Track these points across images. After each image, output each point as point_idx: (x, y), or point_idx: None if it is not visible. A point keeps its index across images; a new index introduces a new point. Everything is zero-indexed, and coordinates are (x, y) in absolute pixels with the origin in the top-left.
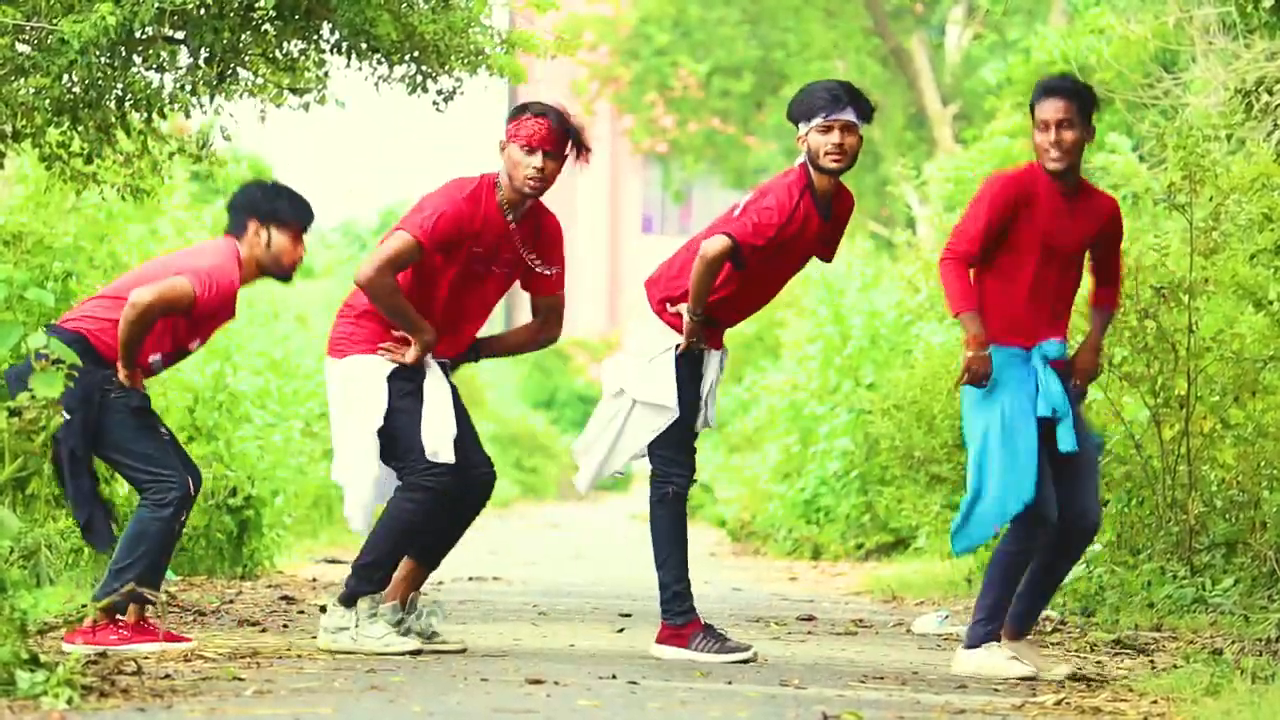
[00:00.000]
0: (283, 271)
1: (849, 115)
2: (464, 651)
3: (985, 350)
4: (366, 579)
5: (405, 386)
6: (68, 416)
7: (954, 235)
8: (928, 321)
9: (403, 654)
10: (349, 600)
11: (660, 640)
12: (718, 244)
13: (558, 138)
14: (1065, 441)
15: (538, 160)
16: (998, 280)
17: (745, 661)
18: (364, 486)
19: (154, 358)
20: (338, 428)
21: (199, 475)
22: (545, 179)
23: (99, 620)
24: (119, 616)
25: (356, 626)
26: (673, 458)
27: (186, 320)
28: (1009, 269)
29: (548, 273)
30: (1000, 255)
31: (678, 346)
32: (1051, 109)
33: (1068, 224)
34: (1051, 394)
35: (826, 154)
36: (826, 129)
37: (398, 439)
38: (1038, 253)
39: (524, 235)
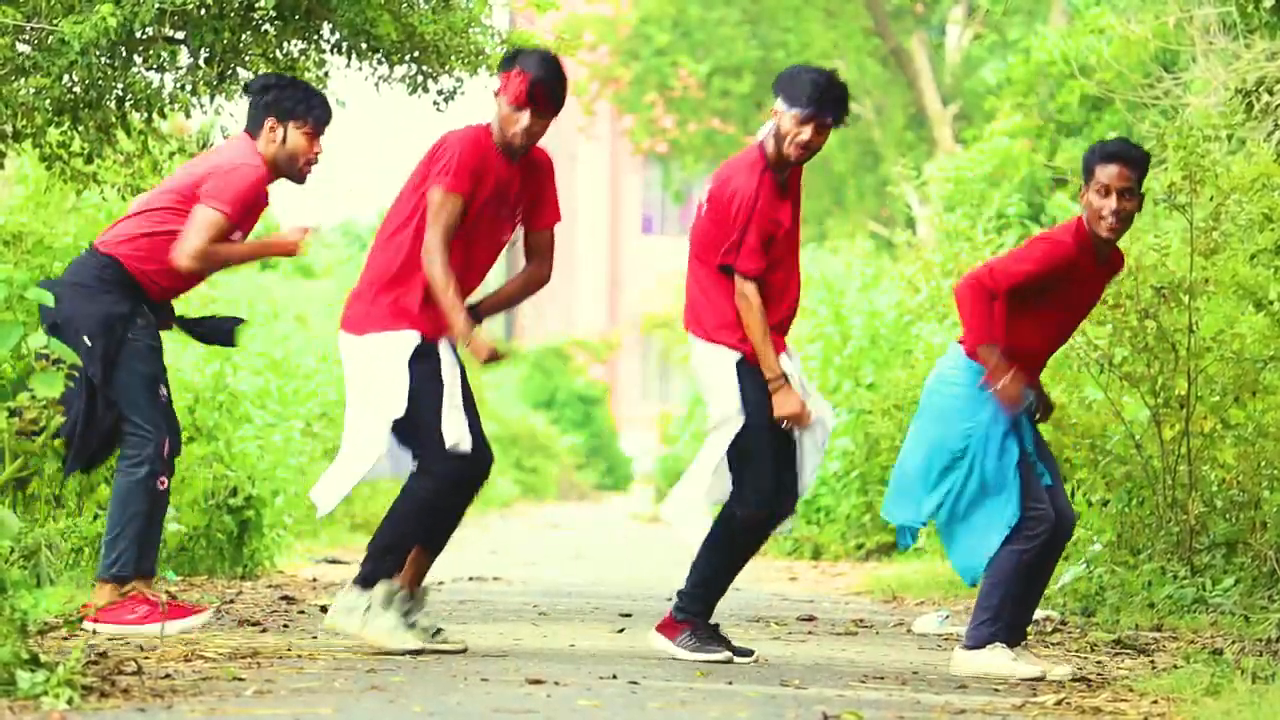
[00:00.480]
0: (296, 172)
1: (829, 118)
2: (465, 651)
3: (1011, 373)
4: (383, 562)
5: (427, 369)
6: (88, 343)
7: (993, 269)
8: (928, 321)
9: (403, 652)
10: (367, 582)
11: (658, 629)
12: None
13: (545, 95)
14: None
15: (525, 119)
16: (1015, 319)
17: (722, 662)
18: (355, 472)
19: None
20: (354, 405)
21: (179, 442)
22: (532, 136)
23: (114, 597)
24: (135, 590)
25: (368, 610)
26: (747, 478)
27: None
28: (1029, 316)
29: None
30: (1025, 303)
31: (738, 362)
32: (1116, 175)
33: (1094, 286)
34: (1029, 433)
35: (795, 144)
36: (804, 121)
37: (418, 423)
38: (1062, 312)
39: (523, 174)
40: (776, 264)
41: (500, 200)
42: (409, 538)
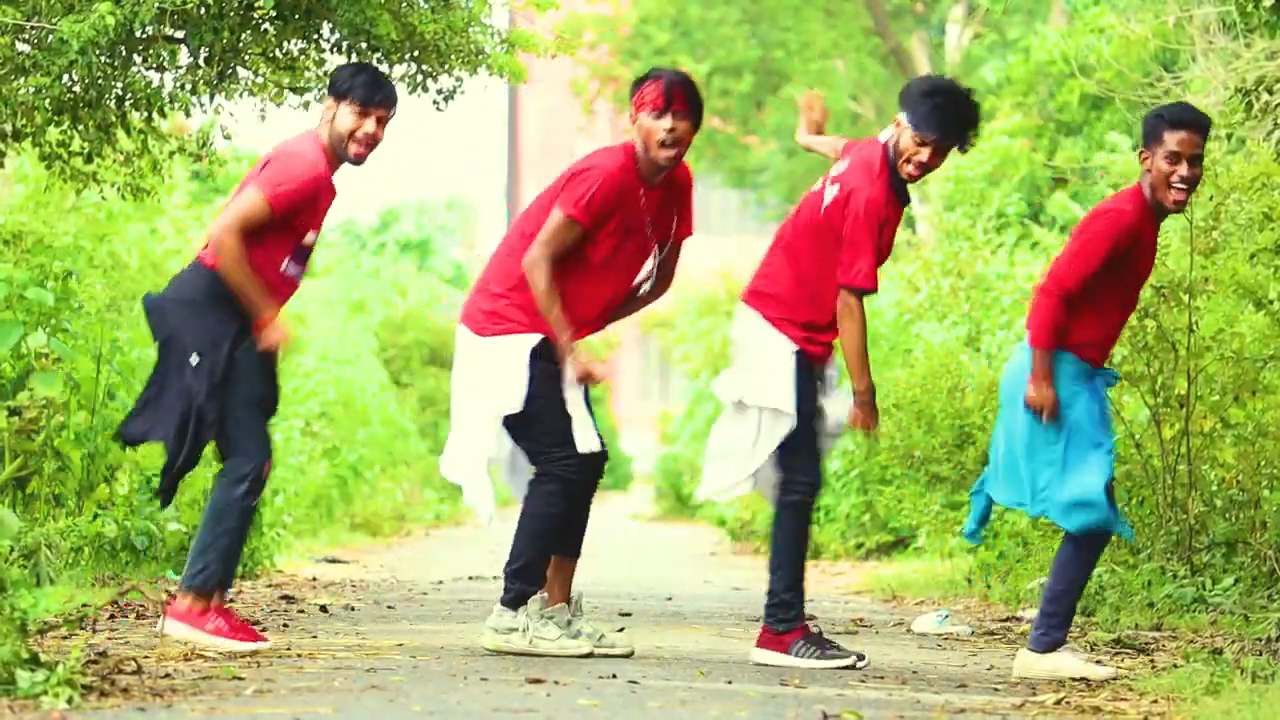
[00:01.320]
0: (346, 153)
1: (952, 145)
2: (631, 655)
3: (1049, 390)
4: (526, 580)
5: (548, 370)
6: (195, 360)
7: (1063, 270)
8: (928, 321)
9: (579, 657)
10: (515, 602)
11: (760, 644)
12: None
13: (683, 96)
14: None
15: (667, 122)
16: (1088, 304)
17: (849, 668)
18: (482, 476)
19: (285, 267)
20: (463, 407)
21: (272, 460)
22: (679, 139)
23: (195, 606)
24: (214, 601)
25: (528, 629)
26: (799, 465)
27: (283, 223)
28: (1101, 296)
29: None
30: (1088, 293)
31: (796, 354)
32: (1187, 142)
33: (1152, 253)
34: (1109, 421)
35: (914, 163)
36: (924, 144)
37: (535, 424)
38: (1126, 289)
39: (663, 197)
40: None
41: (637, 229)
42: (543, 552)
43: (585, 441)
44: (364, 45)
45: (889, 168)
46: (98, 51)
